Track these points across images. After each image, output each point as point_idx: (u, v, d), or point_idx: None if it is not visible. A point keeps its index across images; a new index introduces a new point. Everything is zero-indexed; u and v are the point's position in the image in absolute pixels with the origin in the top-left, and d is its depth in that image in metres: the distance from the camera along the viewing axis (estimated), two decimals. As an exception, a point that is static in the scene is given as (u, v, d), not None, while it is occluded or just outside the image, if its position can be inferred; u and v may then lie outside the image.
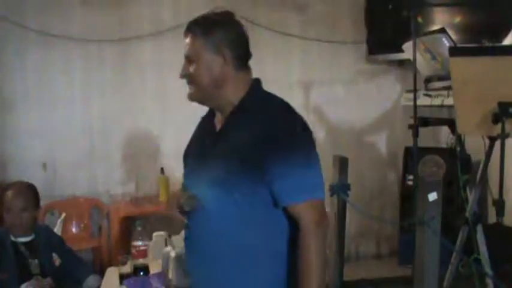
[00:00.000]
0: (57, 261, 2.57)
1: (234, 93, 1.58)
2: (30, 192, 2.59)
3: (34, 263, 2.49)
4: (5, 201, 2.52)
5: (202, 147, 1.65)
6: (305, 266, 1.48)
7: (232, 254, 1.54)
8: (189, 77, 1.59)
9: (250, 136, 1.50)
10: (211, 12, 1.61)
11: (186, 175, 1.70)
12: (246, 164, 1.48)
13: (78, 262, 2.70)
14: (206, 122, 1.70)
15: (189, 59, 1.59)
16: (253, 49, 1.62)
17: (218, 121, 1.64)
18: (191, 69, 1.58)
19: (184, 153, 1.74)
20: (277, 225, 1.55)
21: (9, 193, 2.53)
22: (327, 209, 1.55)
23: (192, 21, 1.59)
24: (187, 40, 1.58)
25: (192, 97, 1.62)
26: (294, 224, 1.52)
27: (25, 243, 2.52)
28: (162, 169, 4.18)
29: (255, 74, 1.64)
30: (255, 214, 1.52)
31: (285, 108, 1.58)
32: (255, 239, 1.53)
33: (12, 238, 2.51)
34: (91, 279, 2.59)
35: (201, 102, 1.64)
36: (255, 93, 1.60)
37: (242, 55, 1.59)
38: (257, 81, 1.64)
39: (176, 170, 4.26)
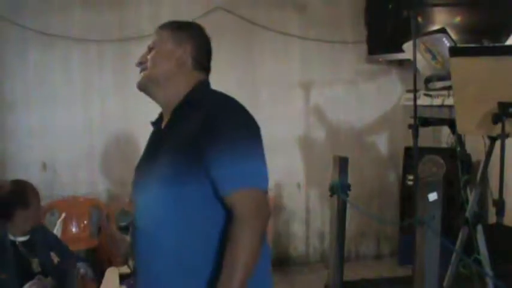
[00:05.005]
0: (55, 259, 2.57)
1: (182, 88, 1.55)
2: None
3: (35, 262, 2.49)
4: (24, 197, 2.48)
5: (150, 150, 1.61)
6: (229, 259, 1.38)
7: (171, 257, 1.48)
8: (144, 64, 1.56)
9: (192, 128, 1.45)
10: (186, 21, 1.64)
11: (134, 182, 1.62)
12: (189, 157, 1.43)
13: (76, 260, 2.70)
14: (155, 128, 1.65)
15: (150, 48, 1.58)
16: (253, 49, 1.62)
17: (164, 120, 1.60)
18: (149, 56, 1.56)
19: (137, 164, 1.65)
20: (216, 227, 1.45)
21: (29, 189, 2.52)
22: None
23: (167, 21, 1.62)
24: (155, 34, 1.59)
25: (140, 85, 1.58)
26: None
27: (23, 243, 2.52)
28: (162, 169, 4.18)
29: (254, 74, 1.64)
30: (197, 213, 1.45)
31: (228, 101, 1.52)
32: (194, 245, 1.46)
33: (11, 237, 2.49)
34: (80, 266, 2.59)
35: (148, 91, 1.58)
36: (200, 89, 1.56)
37: (201, 59, 1.59)
38: (205, 81, 1.60)
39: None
